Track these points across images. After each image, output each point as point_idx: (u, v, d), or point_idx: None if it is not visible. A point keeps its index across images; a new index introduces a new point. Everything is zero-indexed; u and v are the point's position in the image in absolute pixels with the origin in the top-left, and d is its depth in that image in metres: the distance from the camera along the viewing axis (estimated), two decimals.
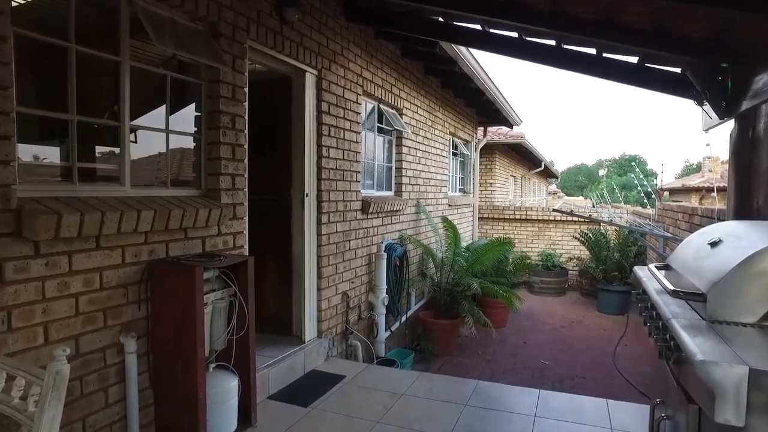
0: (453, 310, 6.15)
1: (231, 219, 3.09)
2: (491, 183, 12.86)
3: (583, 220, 10.49)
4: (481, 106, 8.70)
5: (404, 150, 6.05)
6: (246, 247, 3.27)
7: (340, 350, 4.54)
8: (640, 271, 2.62)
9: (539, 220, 11.16)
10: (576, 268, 10.29)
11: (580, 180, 71.73)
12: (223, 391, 2.68)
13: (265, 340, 4.11)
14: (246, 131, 3.23)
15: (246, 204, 3.26)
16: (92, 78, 2.45)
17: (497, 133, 12.39)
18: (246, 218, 3.27)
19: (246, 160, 3.24)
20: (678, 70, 3.27)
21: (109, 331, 2.30)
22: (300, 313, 4.10)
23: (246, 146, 3.24)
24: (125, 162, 2.48)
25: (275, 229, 4.25)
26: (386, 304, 5.09)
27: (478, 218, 10.45)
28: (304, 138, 3.97)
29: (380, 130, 5.61)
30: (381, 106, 5.50)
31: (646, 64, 3.30)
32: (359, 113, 4.79)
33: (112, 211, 2.19)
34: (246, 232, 3.27)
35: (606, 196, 18.15)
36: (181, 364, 2.46)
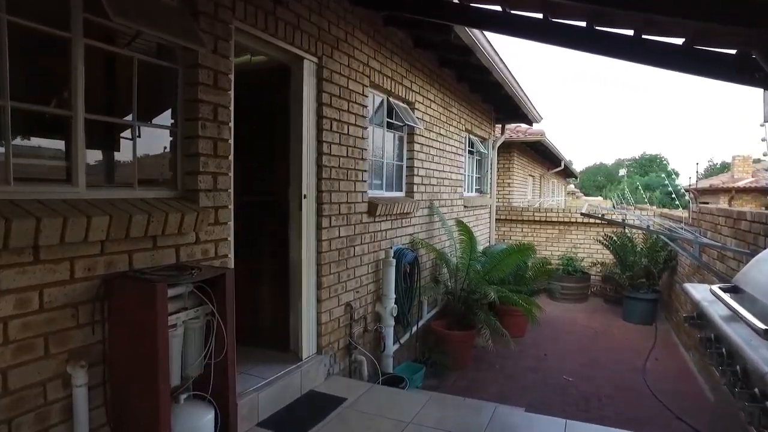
0: (468, 320, 5.70)
1: (212, 224, 2.69)
2: (509, 183, 12.36)
3: (605, 222, 9.94)
4: (499, 102, 8.22)
5: (416, 147, 5.62)
6: (231, 256, 2.88)
7: (343, 366, 4.13)
8: (696, 292, 2.15)
9: (560, 222, 10.63)
10: (599, 274, 9.74)
11: (599, 180, 70.60)
12: (195, 427, 2.28)
13: (260, 356, 3.73)
14: (231, 124, 2.84)
15: (231, 207, 2.86)
16: (37, 59, 2.08)
17: (515, 130, 11.88)
18: (231, 223, 2.87)
19: (231, 157, 2.84)
20: (733, 51, 2.79)
21: (51, 360, 1.92)
22: (297, 327, 3.70)
23: (231, 141, 2.84)
24: (78, 158, 2.09)
25: (271, 233, 3.86)
26: (395, 314, 4.66)
27: (496, 220, 9.96)
28: (301, 133, 3.57)
29: (390, 126, 5.19)
30: (391, 99, 5.07)
31: (696, 46, 2.81)
32: (366, 106, 4.37)
33: (51, 216, 1.80)
34: (231, 239, 2.88)
35: (628, 197, 17.50)
36: (143, 397, 2.07)
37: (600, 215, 7.69)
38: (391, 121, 5.16)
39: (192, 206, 2.51)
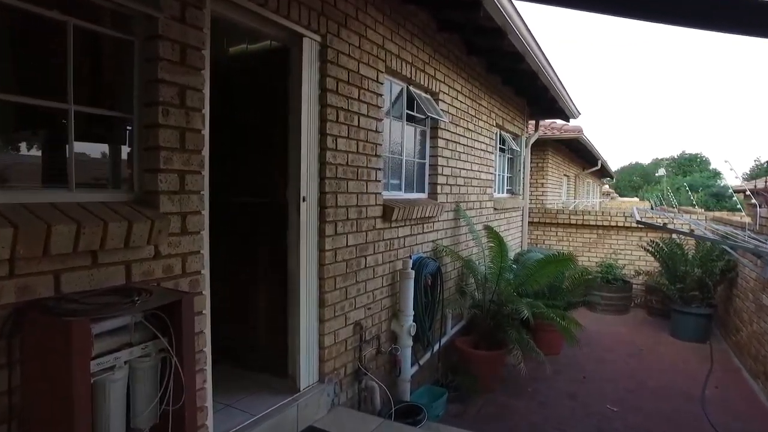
0: (497, 338, 5.07)
1: (177, 234, 2.17)
2: (543, 183, 11.60)
3: (648, 226, 9.11)
4: (533, 95, 7.52)
5: (441, 143, 5.02)
6: (205, 272, 2.36)
7: (351, 395, 3.58)
8: None
9: (598, 226, 9.81)
10: (642, 283, 8.91)
11: (634, 180, 68.46)
12: None
13: (253, 383, 3.23)
14: (206, 111, 2.31)
15: (205, 213, 2.34)
16: None
17: (550, 127, 11.14)
18: (205, 233, 2.35)
19: (205, 152, 2.32)
20: None
21: None
22: (295, 353, 3.17)
23: (205, 132, 2.32)
24: None
25: (268, 240, 3.35)
26: (413, 333, 4.08)
27: (528, 223, 9.24)
28: (300, 124, 3.03)
29: (410, 119, 4.61)
30: (411, 88, 4.49)
31: None
32: (381, 95, 3.81)
33: None
34: (205, 251, 2.35)
35: (671, 198, 16.41)
36: None
37: (662, 225, 6.70)
38: (411, 113, 4.57)
39: (147, 212, 2.00)
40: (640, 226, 9.31)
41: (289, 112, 3.10)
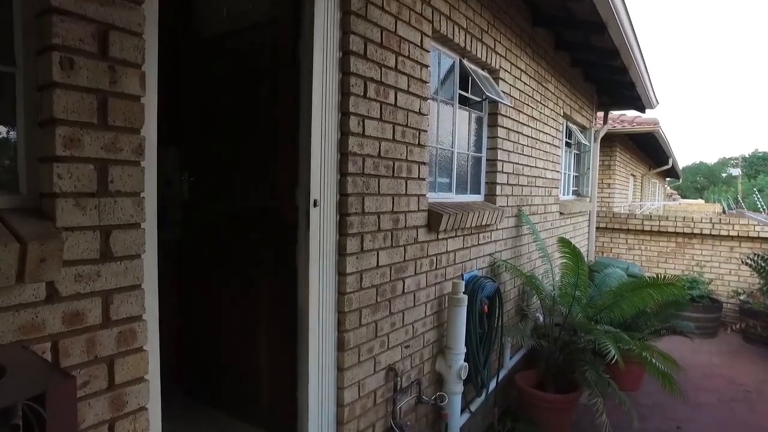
0: (568, 377, 4.06)
1: (93, 262, 1.35)
2: (609, 184, 10.34)
3: (744, 236, 7.72)
4: (605, 79, 6.41)
5: (501, 133, 4.04)
6: (150, 318, 1.52)
7: None
8: None
9: (678, 234, 8.48)
10: (734, 302, 7.55)
11: (698, 181, 64.37)
12: None
13: None
14: (149, 68, 1.48)
15: (147, 225, 1.50)
16: None
17: (619, 120, 9.87)
18: (150, 256, 1.51)
19: (147, 131, 1.48)
20: None
21: None
22: (303, 413, 2.31)
23: (149, 101, 1.49)
24: None
25: (271, 257, 2.51)
26: (464, 376, 3.16)
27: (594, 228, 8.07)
28: (311, 100, 2.17)
29: (463, 101, 3.67)
30: (465, 62, 3.55)
31: None
32: (427, 66, 2.89)
33: None
34: (149, 285, 1.52)
35: (757, 199, 14.55)
36: None
37: None
38: (464, 94, 3.63)
39: (23, 228, 1.18)
40: (730, 234, 7.98)
41: (300, 84, 2.25)
